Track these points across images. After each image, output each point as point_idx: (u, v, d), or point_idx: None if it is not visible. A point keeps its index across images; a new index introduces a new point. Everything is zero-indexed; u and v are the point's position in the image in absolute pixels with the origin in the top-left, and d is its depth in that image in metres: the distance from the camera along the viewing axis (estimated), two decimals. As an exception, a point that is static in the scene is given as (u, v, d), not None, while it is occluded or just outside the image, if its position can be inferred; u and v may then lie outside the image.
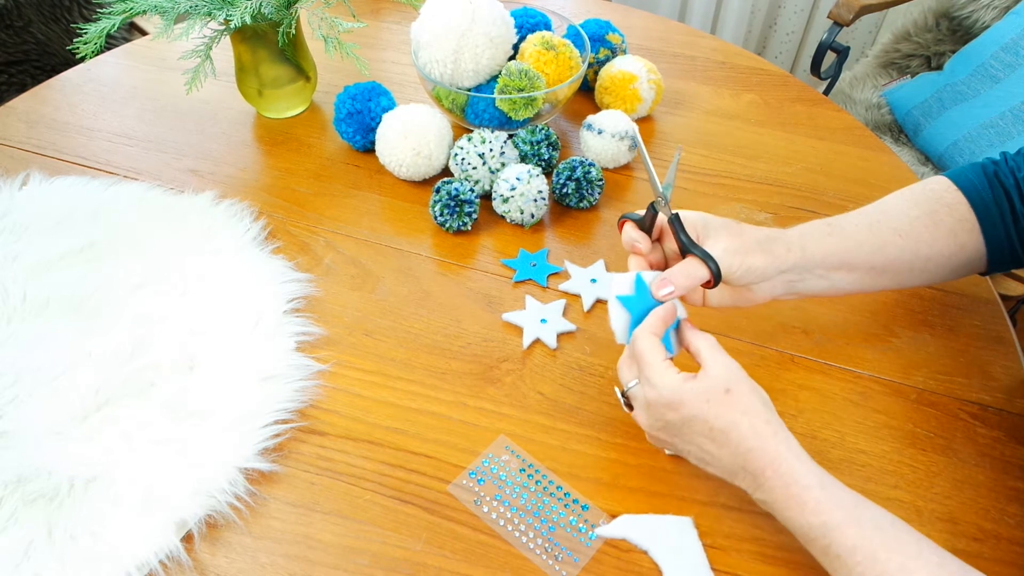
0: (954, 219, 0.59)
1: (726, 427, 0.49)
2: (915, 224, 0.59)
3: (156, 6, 0.80)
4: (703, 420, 0.50)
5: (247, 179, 0.86)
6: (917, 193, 0.61)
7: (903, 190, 0.62)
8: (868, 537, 0.45)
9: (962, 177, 0.61)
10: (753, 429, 0.49)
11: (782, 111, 0.97)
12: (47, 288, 0.70)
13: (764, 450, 0.48)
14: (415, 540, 0.55)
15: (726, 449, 0.50)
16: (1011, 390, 0.65)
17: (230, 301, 0.70)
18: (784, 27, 2.15)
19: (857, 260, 0.59)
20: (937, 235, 0.59)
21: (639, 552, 0.55)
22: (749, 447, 0.49)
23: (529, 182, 0.76)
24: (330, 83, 0.99)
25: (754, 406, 0.50)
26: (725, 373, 0.51)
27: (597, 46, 0.95)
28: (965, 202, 0.60)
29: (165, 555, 0.53)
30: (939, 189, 0.61)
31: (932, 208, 0.60)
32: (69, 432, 0.59)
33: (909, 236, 0.59)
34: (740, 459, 0.49)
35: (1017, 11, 1.18)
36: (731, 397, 0.50)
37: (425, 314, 0.71)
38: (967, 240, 0.60)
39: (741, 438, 0.49)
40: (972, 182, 0.60)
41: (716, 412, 0.49)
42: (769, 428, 0.49)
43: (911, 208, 0.60)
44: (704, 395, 0.50)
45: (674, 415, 0.51)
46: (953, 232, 0.59)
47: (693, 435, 0.51)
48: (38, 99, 0.97)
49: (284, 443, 0.61)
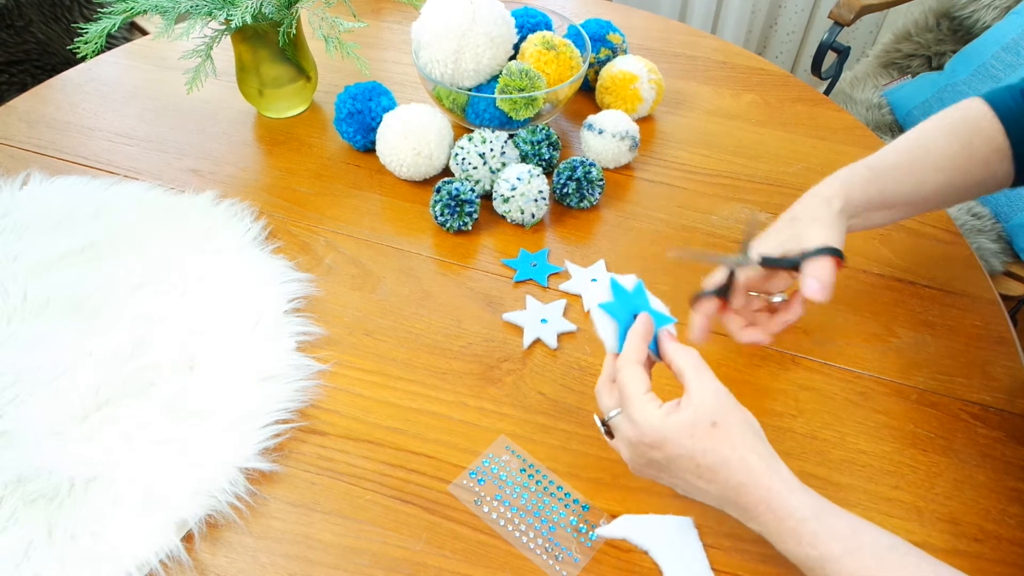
0: (990, 148, 0.60)
1: (714, 464, 0.47)
2: (954, 159, 0.60)
3: (157, 6, 0.80)
4: (689, 457, 0.47)
5: (248, 179, 0.86)
6: (956, 122, 0.61)
7: (941, 117, 0.62)
8: (867, 566, 0.44)
9: (1000, 101, 0.61)
10: (743, 463, 0.46)
11: (783, 111, 0.97)
12: (47, 288, 0.70)
13: (757, 485, 0.46)
14: (415, 540, 0.55)
15: (715, 485, 0.48)
16: (1012, 390, 0.65)
17: (230, 301, 0.70)
18: (785, 27, 2.15)
19: (897, 199, 0.60)
20: (972, 166, 0.60)
21: (639, 552, 0.55)
22: (740, 482, 0.46)
23: (530, 182, 0.76)
24: (331, 83, 0.99)
25: (743, 438, 0.47)
26: (712, 402, 0.48)
27: (598, 46, 0.95)
28: (1002, 130, 0.59)
29: (165, 555, 0.53)
30: (976, 116, 0.61)
31: (969, 139, 0.60)
32: (69, 432, 0.59)
33: (946, 171, 0.59)
34: (731, 493, 0.47)
35: (1018, 11, 1.18)
36: (718, 431, 0.47)
37: (426, 314, 0.71)
38: (999, 168, 0.60)
39: (731, 473, 0.47)
40: (1009, 107, 0.60)
41: (703, 448, 0.47)
42: (761, 461, 0.47)
43: (951, 141, 0.60)
44: (688, 430, 0.47)
45: (658, 454, 0.48)
46: (986, 162, 0.60)
47: (679, 471, 0.49)
48: (39, 99, 0.97)
49: (284, 443, 0.61)
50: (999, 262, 1.14)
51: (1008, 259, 1.15)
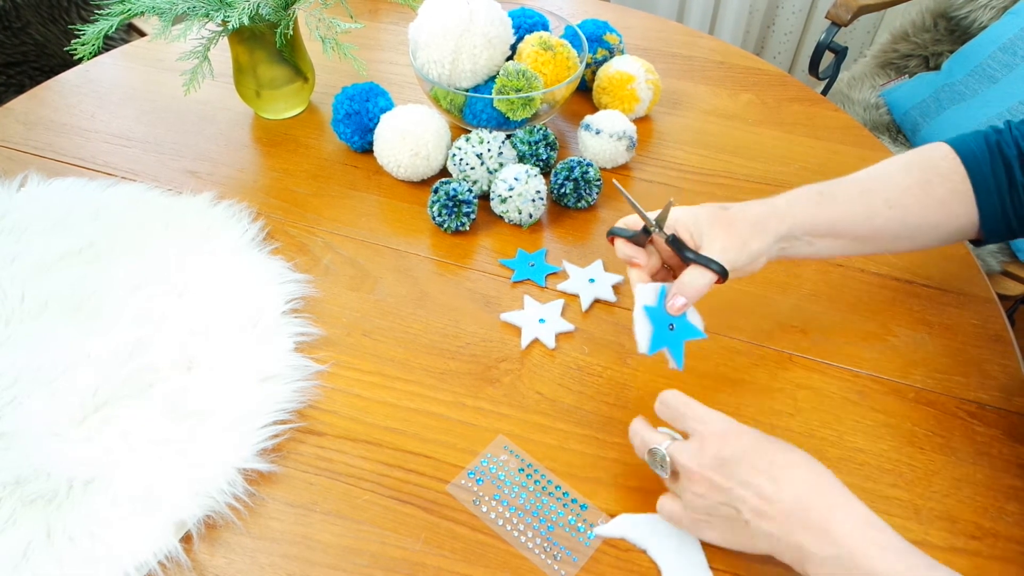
0: (947, 189, 0.58)
1: (788, 463, 0.47)
2: (906, 194, 0.58)
3: (154, 7, 0.80)
4: (763, 451, 0.47)
5: (245, 180, 0.86)
6: (913, 160, 0.60)
7: (900, 155, 0.61)
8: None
9: (962, 145, 0.59)
10: (822, 478, 0.47)
11: (780, 111, 0.97)
12: (46, 289, 0.70)
13: (831, 489, 0.46)
14: (414, 540, 0.55)
15: (789, 489, 0.46)
16: (1009, 389, 0.65)
17: (229, 302, 0.70)
18: (782, 27, 2.16)
19: (844, 229, 0.59)
20: (927, 204, 0.58)
21: (638, 551, 0.55)
22: (817, 483, 0.46)
23: (527, 182, 0.76)
24: (328, 84, 0.99)
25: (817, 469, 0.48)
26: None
27: (595, 46, 0.95)
28: (962, 170, 0.58)
29: (164, 556, 0.53)
30: (936, 156, 0.60)
31: (926, 177, 0.59)
32: (68, 433, 0.59)
33: (898, 206, 0.58)
34: (799, 511, 0.45)
35: (1015, 11, 1.18)
36: (780, 443, 0.49)
37: (423, 314, 0.71)
38: (959, 210, 0.59)
39: (805, 477, 0.46)
40: (972, 150, 0.59)
41: (776, 446, 0.48)
42: (841, 496, 0.46)
43: (904, 176, 0.59)
44: (754, 431, 0.49)
45: (730, 448, 0.48)
46: (944, 202, 0.58)
47: (752, 472, 0.47)
48: (36, 100, 0.97)
49: (283, 443, 0.61)
50: (996, 261, 1.14)
51: (1005, 259, 1.15)
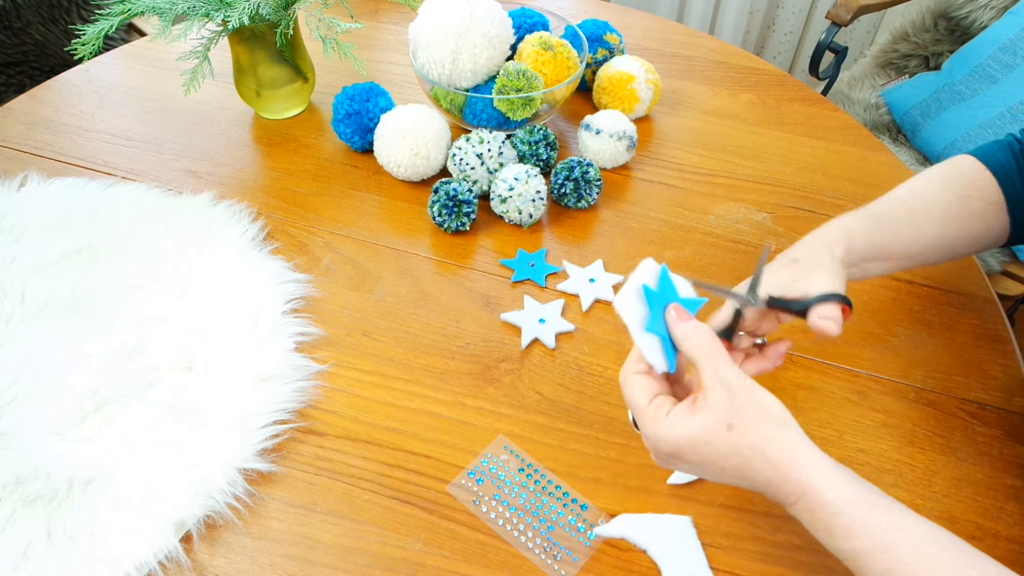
0: (984, 202, 0.60)
1: (737, 466, 0.45)
2: (948, 210, 0.59)
3: (154, 7, 0.80)
4: (710, 463, 0.46)
5: (245, 180, 0.86)
6: (947, 175, 0.61)
7: (933, 171, 0.62)
8: (902, 559, 0.42)
9: (990, 157, 0.61)
10: (766, 460, 0.44)
11: (780, 111, 0.97)
12: (46, 289, 0.70)
13: (785, 479, 0.44)
14: (414, 540, 0.55)
15: (745, 482, 0.46)
16: (1009, 389, 0.65)
17: (229, 302, 0.70)
18: (782, 27, 2.16)
19: (892, 251, 0.59)
20: (966, 218, 0.60)
21: (638, 551, 0.55)
22: (767, 479, 0.45)
23: (527, 182, 0.76)
24: (328, 84, 0.99)
25: (763, 434, 0.44)
26: (726, 401, 0.45)
27: (595, 46, 0.95)
28: (995, 183, 0.60)
29: (164, 556, 0.53)
30: (969, 171, 0.61)
31: (964, 192, 0.60)
32: (68, 433, 0.59)
33: (941, 222, 0.59)
34: (760, 487, 0.46)
35: (1015, 11, 1.18)
36: (735, 433, 0.44)
37: (424, 314, 0.71)
38: (994, 220, 0.60)
39: (756, 473, 0.45)
40: (1000, 162, 0.60)
41: (722, 453, 0.45)
42: (785, 454, 0.44)
43: (942, 193, 0.60)
44: (703, 437, 0.45)
45: (679, 462, 0.47)
46: (982, 215, 0.60)
47: (704, 473, 0.48)
48: (36, 100, 0.97)
49: (283, 443, 0.61)
50: (996, 262, 1.14)
51: (1006, 259, 1.15)
